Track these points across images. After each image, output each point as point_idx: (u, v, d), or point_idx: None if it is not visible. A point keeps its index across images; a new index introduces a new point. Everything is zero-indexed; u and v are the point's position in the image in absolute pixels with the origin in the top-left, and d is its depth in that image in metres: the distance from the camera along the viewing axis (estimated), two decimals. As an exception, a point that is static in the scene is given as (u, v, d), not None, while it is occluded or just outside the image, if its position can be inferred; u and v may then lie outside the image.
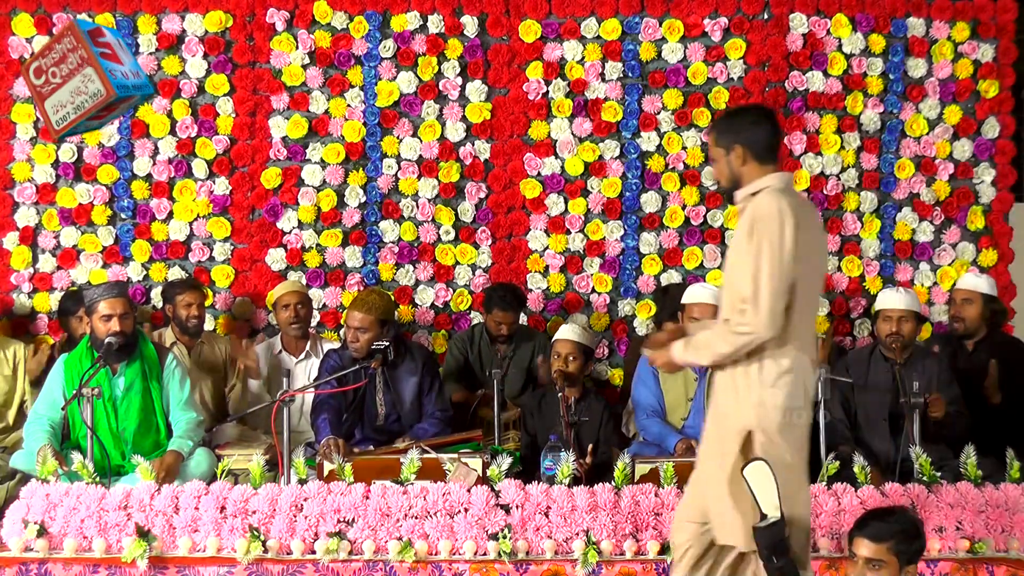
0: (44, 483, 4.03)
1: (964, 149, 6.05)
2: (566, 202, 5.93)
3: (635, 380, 4.98)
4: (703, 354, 3.27)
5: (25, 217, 5.83)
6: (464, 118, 5.91)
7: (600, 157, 5.94)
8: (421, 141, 5.90)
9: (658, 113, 5.94)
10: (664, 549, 3.83)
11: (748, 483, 3.06)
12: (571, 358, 4.85)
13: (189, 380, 4.79)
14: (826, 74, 5.98)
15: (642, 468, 4.18)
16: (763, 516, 3.04)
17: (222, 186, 5.86)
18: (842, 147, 5.99)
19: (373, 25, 5.86)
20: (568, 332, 4.92)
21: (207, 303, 5.67)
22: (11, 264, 5.83)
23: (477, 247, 5.95)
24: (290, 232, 5.90)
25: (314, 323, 5.79)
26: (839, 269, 6.03)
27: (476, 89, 5.90)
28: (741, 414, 3.20)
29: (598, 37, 5.93)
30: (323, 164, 5.89)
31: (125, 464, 4.45)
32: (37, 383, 5.03)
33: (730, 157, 3.31)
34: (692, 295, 4.87)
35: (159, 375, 4.65)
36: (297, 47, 5.86)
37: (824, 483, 4.06)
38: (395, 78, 5.88)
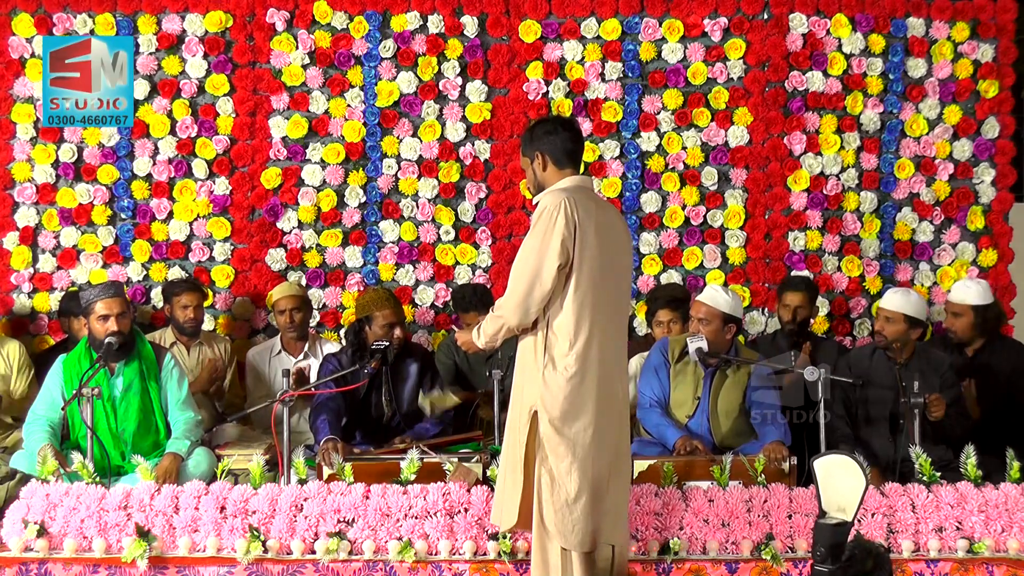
0: (44, 483, 4.03)
1: (964, 149, 6.05)
2: (566, 202, 5.92)
3: (643, 370, 4.96)
4: (479, 334, 3.59)
5: (25, 217, 5.83)
6: (464, 118, 5.91)
7: (600, 157, 5.94)
8: (421, 141, 5.90)
9: (658, 113, 5.94)
10: (664, 549, 3.84)
11: (815, 475, 2.94)
12: None
13: (187, 380, 4.79)
14: (826, 74, 5.98)
15: (640, 465, 4.18)
16: (823, 512, 2.98)
17: (222, 186, 5.86)
18: (842, 147, 5.99)
19: (373, 25, 5.86)
20: None
21: (207, 303, 5.68)
22: (11, 264, 5.83)
23: (477, 247, 5.95)
24: (290, 232, 5.90)
25: (314, 323, 5.79)
26: (839, 269, 6.03)
27: (476, 89, 5.90)
28: (529, 392, 3.45)
29: (598, 37, 5.93)
30: (323, 164, 5.89)
31: (125, 464, 4.45)
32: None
33: (534, 165, 3.60)
34: (701, 295, 4.86)
35: (157, 375, 4.64)
36: (297, 47, 5.86)
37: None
38: (395, 78, 5.88)
